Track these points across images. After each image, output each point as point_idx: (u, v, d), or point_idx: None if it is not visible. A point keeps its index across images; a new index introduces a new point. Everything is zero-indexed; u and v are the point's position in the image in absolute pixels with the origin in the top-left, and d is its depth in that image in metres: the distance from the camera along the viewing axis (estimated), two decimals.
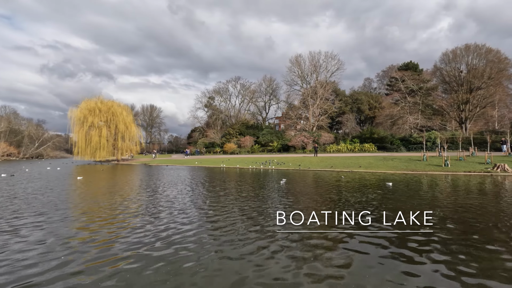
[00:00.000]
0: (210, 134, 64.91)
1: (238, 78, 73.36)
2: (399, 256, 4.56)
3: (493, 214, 7.38)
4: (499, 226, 6.24)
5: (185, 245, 5.16)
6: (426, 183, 14.08)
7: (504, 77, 37.83)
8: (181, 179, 17.28)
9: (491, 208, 8.08)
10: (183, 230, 6.19)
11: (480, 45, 37.63)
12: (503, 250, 4.78)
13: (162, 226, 6.52)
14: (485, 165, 19.62)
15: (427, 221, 6.66)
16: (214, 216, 7.43)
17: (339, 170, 22.08)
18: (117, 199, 10.25)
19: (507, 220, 6.74)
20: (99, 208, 8.58)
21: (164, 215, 7.59)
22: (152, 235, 5.82)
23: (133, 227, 6.43)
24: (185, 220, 7.03)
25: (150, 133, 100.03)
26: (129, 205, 9.02)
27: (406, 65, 48.78)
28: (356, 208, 8.26)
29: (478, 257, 4.49)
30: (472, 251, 4.74)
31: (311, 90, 50.00)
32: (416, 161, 23.13)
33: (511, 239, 5.31)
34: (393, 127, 43.98)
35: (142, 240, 5.52)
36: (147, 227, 6.42)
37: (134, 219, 7.26)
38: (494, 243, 5.10)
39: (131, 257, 4.62)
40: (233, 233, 5.89)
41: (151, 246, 5.14)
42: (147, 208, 8.56)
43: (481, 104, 38.32)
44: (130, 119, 49.24)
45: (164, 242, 5.39)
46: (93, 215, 7.68)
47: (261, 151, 49.84)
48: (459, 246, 4.96)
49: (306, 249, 4.92)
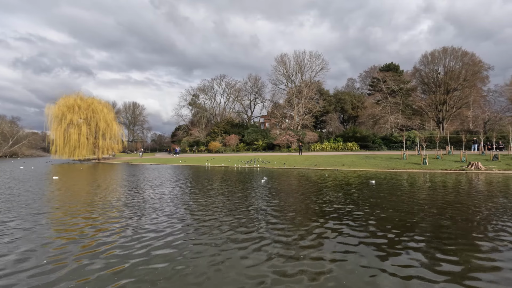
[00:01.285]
0: (194, 133, 64.14)
1: (223, 76, 72.83)
2: (384, 248, 4.70)
3: (466, 209, 7.74)
4: (472, 219, 6.55)
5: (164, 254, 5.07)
6: (406, 181, 14.56)
7: (478, 80, 39.60)
8: (162, 179, 16.99)
9: (465, 203, 8.48)
10: (164, 237, 6.08)
11: (457, 48, 39.22)
12: (475, 241, 5.03)
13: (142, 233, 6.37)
14: (461, 163, 20.53)
15: (408, 217, 6.89)
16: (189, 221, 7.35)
17: (323, 169, 22.43)
18: (94, 200, 9.94)
19: (479, 214, 7.09)
20: (74, 210, 8.29)
21: (142, 220, 7.25)
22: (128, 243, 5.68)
23: (108, 235, 6.20)
24: (164, 228, 6.90)
25: (132, 131, 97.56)
26: (106, 208, 8.76)
27: (387, 66, 50.13)
28: (340, 205, 8.43)
29: (453, 247, 4.70)
30: (448, 242, 4.96)
31: (296, 89, 50.39)
32: (397, 159, 23.86)
33: (482, 231, 5.60)
34: (375, 126, 45.12)
35: (116, 253, 5.22)
36: (122, 236, 6.00)
37: (110, 224, 6.83)
38: (467, 236, 5.36)
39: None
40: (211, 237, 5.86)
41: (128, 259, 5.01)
42: (124, 211, 8.21)
43: (457, 104, 40.02)
44: (112, 117, 47.83)
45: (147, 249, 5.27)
46: (65, 219, 7.40)
47: (246, 150, 49.80)
48: (436, 238, 5.17)
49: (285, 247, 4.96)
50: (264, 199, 9.72)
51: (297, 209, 7.99)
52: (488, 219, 6.67)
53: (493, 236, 5.46)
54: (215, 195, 10.62)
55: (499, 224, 6.23)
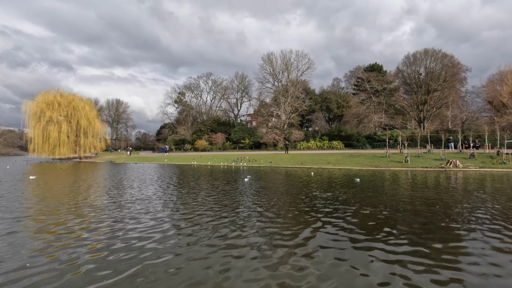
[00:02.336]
0: (180, 131, 63.33)
1: (209, 74, 72.14)
2: (369, 241, 4.80)
3: (445, 204, 8.03)
4: (450, 213, 6.81)
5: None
6: (389, 178, 14.95)
7: (456, 81, 41.17)
8: (147, 179, 16.69)
9: (444, 199, 8.80)
10: (145, 243, 5.96)
11: (437, 50, 40.58)
12: (453, 234, 5.23)
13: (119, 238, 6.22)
14: (440, 161, 21.29)
15: (391, 212, 7.08)
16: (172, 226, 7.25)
17: (309, 167, 22.68)
18: (73, 203, 9.63)
19: (457, 208, 7.38)
20: (49, 212, 8.00)
21: (119, 226, 6.81)
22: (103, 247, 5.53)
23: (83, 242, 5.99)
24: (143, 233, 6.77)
25: (116, 130, 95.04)
26: (84, 211, 8.48)
27: (371, 66, 51.20)
28: (325, 202, 8.55)
29: (433, 239, 4.87)
30: (427, 235, 5.13)
31: (282, 88, 50.66)
32: (380, 157, 24.45)
33: (459, 223, 5.84)
34: (359, 125, 46.05)
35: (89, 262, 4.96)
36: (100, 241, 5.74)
37: (87, 236, 6.10)
38: (446, 229, 5.56)
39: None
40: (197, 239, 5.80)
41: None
42: (104, 217, 7.58)
43: (437, 105, 41.46)
44: (94, 114, 46.47)
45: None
46: (40, 221, 7.13)
47: (232, 148, 49.65)
48: (417, 231, 5.34)
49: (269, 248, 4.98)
50: (250, 198, 9.72)
51: (284, 207, 8.04)
52: (464, 213, 6.96)
53: (467, 227, 5.71)
54: (200, 195, 10.52)
55: (474, 217, 6.51)
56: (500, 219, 6.48)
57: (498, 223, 6.20)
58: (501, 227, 5.88)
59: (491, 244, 4.94)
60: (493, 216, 6.78)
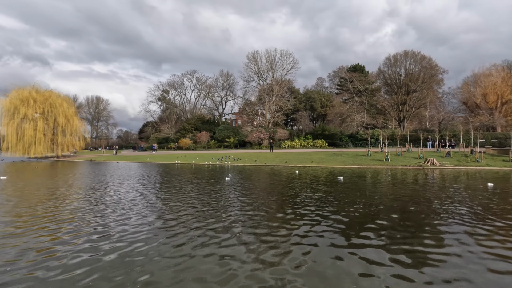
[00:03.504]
0: (164, 129, 62.18)
1: (194, 72, 71.23)
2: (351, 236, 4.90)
3: (423, 200, 8.35)
4: (427, 209, 7.10)
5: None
6: (371, 176, 15.36)
7: (434, 82, 42.82)
8: (129, 178, 16.29)
9: (422, 195, 9.15)
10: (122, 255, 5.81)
11: (416, 52, 41.99)
12: (429, 226, 5.45)
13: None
14: (418, 160, 22.10)
15: (374, 208, 7.27)
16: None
17: (293, 165, 22.90)
18: (45, 204, 9.25)
19: (433, 204, 7.70)
20: (19, 218, 7.64)
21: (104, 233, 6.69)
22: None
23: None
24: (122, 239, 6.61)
25: (96, 127, 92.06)
26: (56, 213, 8.16)
27: (354, 67, 52.31)
28: (310, 200, 8.66)
29: (412, 233, 5.05)
30: (407, 229, 5.32)
31: (267, 87, 50.82)
32: (362, 156, 25.06)
33: (435, 217, 6.09)
34: (342, 124, 46.99)
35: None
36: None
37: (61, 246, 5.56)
38: (424, 224, 5.79)
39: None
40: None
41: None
42: (80, 223, 7.03)
43: (416, 105, 42.97)
44: (72, 112, 44.79)
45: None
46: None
47: (217, 147, 49.33)
48: (397, 226, 5.52)
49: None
50: (235, 196, 9.69)
51: (269, 206, 8.08)
52: (440, 208, 7.26)
53: (442, 221, 5.97)
54: (184, 195, 10.38)
55: (449, 211, 6.82)
56: (468, 212, 6.82)
57: (468, 215, 6.53)
58: (469, 217, 6.19)
59: (461, 228, 5.28)
60: (463, 209, 7.14)
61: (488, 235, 5.35)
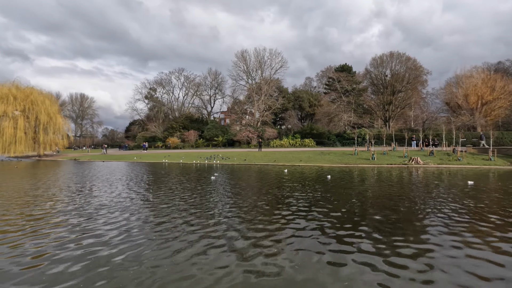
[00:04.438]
0: (151, 128, 61.23)
1: (181, 70, 70.46)
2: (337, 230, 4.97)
3: (407, 197, 8.58)
4: (411, 205, 7.30)
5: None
6: (358, 175, 15.64)
7: (418, 83, 43.95)
8: (113, 179, 15.97)
9: (406, 193, 9.39)
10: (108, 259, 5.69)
11: (402, 53, 42.97)
12: (414, 221, 5.61)
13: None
14: (403, 159, 22.65)
15: (360, 206, 7.41)
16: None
17: (282, 164, 23.03)
18: (22, 206, 8.96)
19: (418, 201, 7.92)
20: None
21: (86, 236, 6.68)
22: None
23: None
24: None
25: (80, 126, 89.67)
26: (31, 214, 7.92)
27: (341, 67, 53.03)
28: (299, 199, 8.73)
29: (396, 228, 5.18)
30: (391, 225, 5.45)
31: (256, 86, 50.81)
32: (349, 155, 25.47)
33: (419, 213, 6.27)
34: (330, 123, 47.56)
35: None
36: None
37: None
38: (407, 220, 5.95)
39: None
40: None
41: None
42: (60, 229, 7.23)
43: (401, 105, 44.02)
44: (55, 109, 43.43)
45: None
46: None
47: (206, 146, 49.01)
48: (382, 223, 5.65)
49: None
50: (225, 194, 9.66)
51: (258, 205, 8.09)
52: (424, 204, 7.48)
53: (426, 216, 6.14)
54: (173, 196, 10.26)
55: (432, 208, 7.03)
56: (450, 207, 7.06)
57: (448, 211, 6.76)
58: (451, 212, 6.41)
59: (443, 221, 5.41)
60: (446, 204, 7.38)
61: (466, 227, 5.58)
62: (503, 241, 4.95)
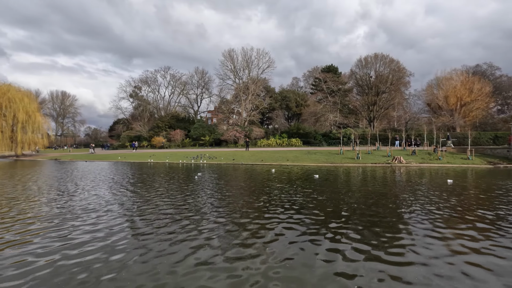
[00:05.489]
0: (136, 127, 59.96)
1: (167, 68, 69.26)
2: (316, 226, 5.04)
3: (391, 195, 8.82)
4: (394, 202, 7.51)
5: None
6: (343, 174, 15.92)
7: (401, 84, 45.20)
8: (95, 180, 15.57)
9: (390, 191, 9.65)
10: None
11: (385, 55, 44.03)
12: (397, 217, 5.78)
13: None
14: (387, 158, 23.23)
15: (346, 204, 7.54)
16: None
17: (269, 164, 23.11)
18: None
19: (400, 198, 8.16)
20: None
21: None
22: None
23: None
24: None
25: (61, 125, 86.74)
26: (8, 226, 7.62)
27: (328, 67, 53.76)
28: (289, 198, 8.79)
29: (378, 224, 5.32)
30: (375, 222, 5.59)
31: (243, 86, 50.76)
32: (335, 154, 25.87)
33: (402, 210, 6.47)
34: (316, 123, 48.14)
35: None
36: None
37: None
38: (390, 217, 6.12)
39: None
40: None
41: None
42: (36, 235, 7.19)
43: (385, 105, 45.15)
44: (34, 107, 41.75)
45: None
46: None
47: (192, 145, 48.51)
48: (367, 219, 5.78)
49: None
50: (212, 194, 9.60)
51: (246, 205, 8.09)
52: (405, 201, 7.71)
53: (408, 213, 6.35)
54: (157, 195, 10.10)
55: (414, 204, 7.26)
56: (430, 204, 7.32)
57: (429, 207, 7.00)
58: (432, 208, 6.64)
59: (421, 217, 5.60)
60: (426, 201, 7.64)
61: (444, 222, 5.80)
62: (475, 230, 5.19)
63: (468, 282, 3.51)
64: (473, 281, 3.53)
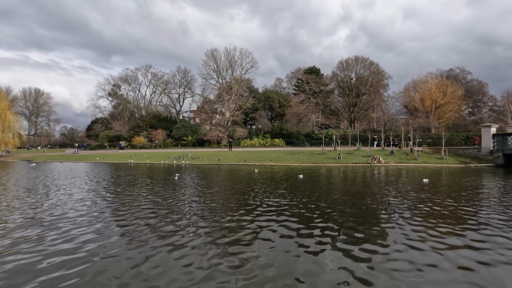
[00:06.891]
0: (115, 127, 58.21)
1: (149, 66, 67.75)
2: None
3: (371, 193, 9.08)
4: (374, 199, 7.74)
5: None
6: (326, 173, 16.21)
7: (381, 86, 46.76)
8: (70, 182, 14.97)
9: (370, 189, 9.94)
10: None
11: (366, 57, 45.37)
12: (376, 215, 5.96)
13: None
14: (367, 158, 23.91)
15: (328, 203, 7.69)
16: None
17: (252, 164, 23.16)
18: None
19: (380, 196, 8.42)
20: None
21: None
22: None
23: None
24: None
25: (35, 124, 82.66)
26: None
27: (310, 69, 54.63)
28: (275, 199, 8.82)
29: (358, 223, 5.46)
30: (355, 219, 5.74)
31: (226, 86, 50.56)
32: (317, 154, 26.31)
33: (381, 207, 6.67)
34: (299, 124, 48.78)
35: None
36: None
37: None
38: (368, 215, 6.30)
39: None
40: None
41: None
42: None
43: (365, 107, 46.52)
44: (5, 105, 39.68)
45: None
46: None
47: (174, 146, 47.75)
48: (347, 216, 5.92)
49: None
50: (191, 196, 9.48)
51: (231, 204, 8.04)
52: (385, 199, 7.97)
53: (387, 210, 6.57)
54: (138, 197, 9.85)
55: (391, 202, 7.52)
56: (407, 201, 7.62)
57: (406, 204, 7.29)
58: (410, 205, 6.92)
59: (399, 214, 5.80)
60: (404, 198, 7.94)
61: (419, 219, 6.04)
62: (449, 225, 5.45)
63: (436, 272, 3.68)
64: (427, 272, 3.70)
